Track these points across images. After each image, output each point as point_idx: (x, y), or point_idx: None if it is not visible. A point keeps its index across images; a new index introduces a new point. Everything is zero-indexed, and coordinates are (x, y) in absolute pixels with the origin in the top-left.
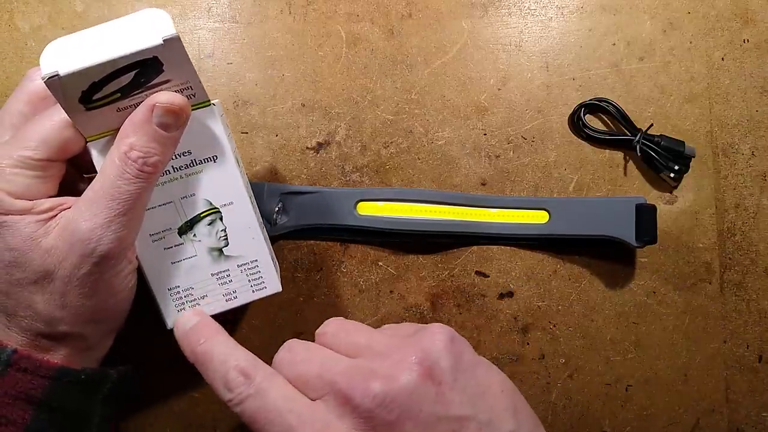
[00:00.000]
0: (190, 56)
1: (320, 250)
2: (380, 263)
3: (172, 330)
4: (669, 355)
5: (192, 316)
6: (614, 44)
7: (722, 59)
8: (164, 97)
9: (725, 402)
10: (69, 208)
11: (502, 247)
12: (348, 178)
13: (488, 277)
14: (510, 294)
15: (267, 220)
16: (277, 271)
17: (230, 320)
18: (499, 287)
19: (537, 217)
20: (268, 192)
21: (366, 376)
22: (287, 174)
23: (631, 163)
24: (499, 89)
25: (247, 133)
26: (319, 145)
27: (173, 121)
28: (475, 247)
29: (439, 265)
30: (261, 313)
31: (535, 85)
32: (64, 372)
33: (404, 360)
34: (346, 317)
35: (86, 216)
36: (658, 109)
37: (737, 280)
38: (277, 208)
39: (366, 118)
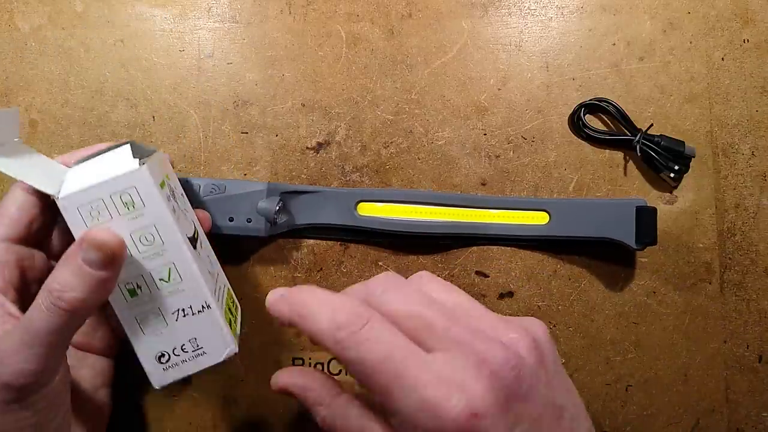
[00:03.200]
0: (194, 63)
1: (320, 250)
2: (380, 263)
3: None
4: (669, 355)
5: (279, 289)
6: (614, 44)
7: (722, 59)
8: (98, 233)
9: (725, 402)
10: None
11: (502, 247)
12: (348, 178)
13: (488, 277)
14: (510, 294)
15: (267, 219)
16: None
17: None
18: (499, 287)
19: (537, 218)
20: (269, 191)
21: (500, 345)
22: (287, 174)
23: (631, 163)
24: (499, 89)
25: (247, 133)
26: (319, 145)
27: (99, 259)
28: (475, 247)
29: (439, 265)
30: (261, 313)
31: (535, 85)
32: None
33: (521, 340)
34: None
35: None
36: (658, 109)
37: (737, 280)
38: (277, 207)
39: (366, 118)
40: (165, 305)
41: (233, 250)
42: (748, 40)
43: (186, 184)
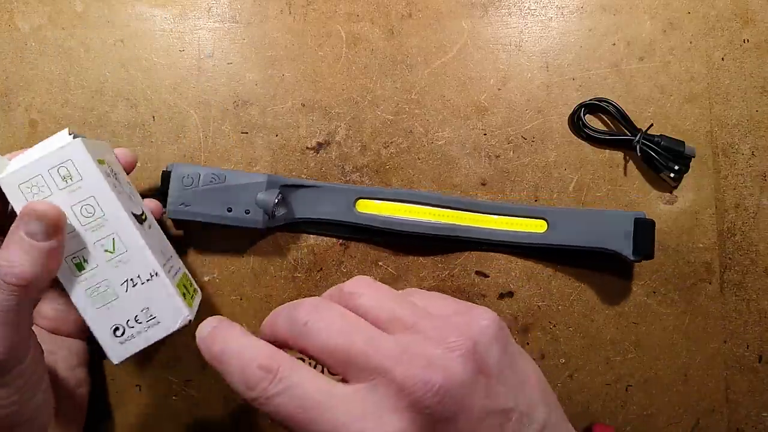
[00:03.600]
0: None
1: (320, 250)
2: (380, 263)
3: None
4: (669, 355)
5: (210, 321)
6: (614, 44)
7: (722, 59)
8: (36, 205)
9: (725, 402)
10: None
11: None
12: (348, 178)
13: (488, 277)
14: (510, 294)
15: (266, 211)
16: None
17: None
18: (499, 287)
19: (535, 226)
20: (269, 183)
21: (423, 365)
22: (287, 174)
23: (631, 163)
24: (499, 89)
25: (247, 133)
26: (319, 145)
27: (42, 229)
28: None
29: (439, 265)
30: (260, 313)
31: (535, 85)
32: None
33: (456, 349)
34: None
35: None
36: (658, 109)
37: (737, 280)
38: (276, 200)
39: (366, 118)
40: (113, 277)
41: (231, 244)
42: (748, 40)
43: (186, 170)
